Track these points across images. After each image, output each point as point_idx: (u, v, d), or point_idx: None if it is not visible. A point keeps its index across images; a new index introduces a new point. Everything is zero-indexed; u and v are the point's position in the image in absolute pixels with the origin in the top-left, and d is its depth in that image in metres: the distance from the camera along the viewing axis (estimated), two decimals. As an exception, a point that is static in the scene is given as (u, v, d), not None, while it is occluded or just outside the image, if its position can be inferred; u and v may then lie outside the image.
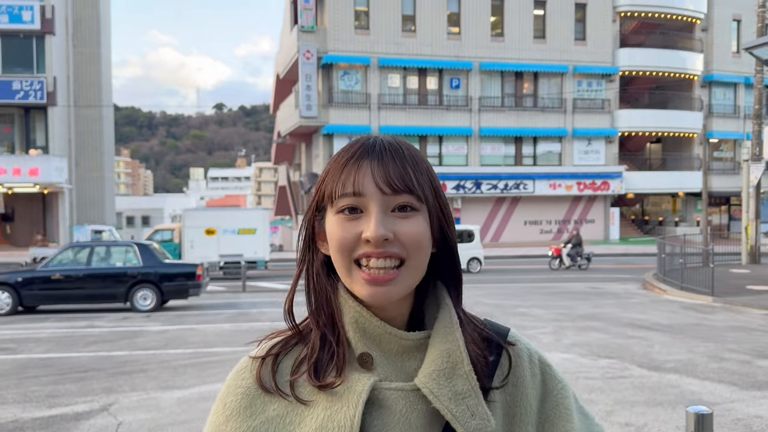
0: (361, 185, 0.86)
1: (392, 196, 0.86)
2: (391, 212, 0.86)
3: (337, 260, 0.88)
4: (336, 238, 0.87)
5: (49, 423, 5.50)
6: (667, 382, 6.64)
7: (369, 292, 0.86)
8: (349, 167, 0.87)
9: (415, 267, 0.87)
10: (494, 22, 34.04)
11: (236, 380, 0.92)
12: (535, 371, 0.96)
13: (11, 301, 12.47)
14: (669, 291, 14.78)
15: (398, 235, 0.86)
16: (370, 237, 0.84)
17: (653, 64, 35.67)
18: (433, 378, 0.87)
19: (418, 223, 0.87)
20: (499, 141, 34.09)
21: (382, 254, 0.85)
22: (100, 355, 8.42)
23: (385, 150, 0.88)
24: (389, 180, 0.86)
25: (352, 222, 0.86)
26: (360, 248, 0.86)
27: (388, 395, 0.87)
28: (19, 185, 29.43)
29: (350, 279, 0.87)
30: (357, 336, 0.89)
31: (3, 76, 29.54)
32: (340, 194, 0.86)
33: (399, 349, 0.90)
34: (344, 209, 0.87)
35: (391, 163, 0.87)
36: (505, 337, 0.97)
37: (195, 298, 13.91)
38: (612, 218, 35.44)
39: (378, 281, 0.85)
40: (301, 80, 30.93)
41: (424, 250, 0.88)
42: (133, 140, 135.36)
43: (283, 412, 0.88)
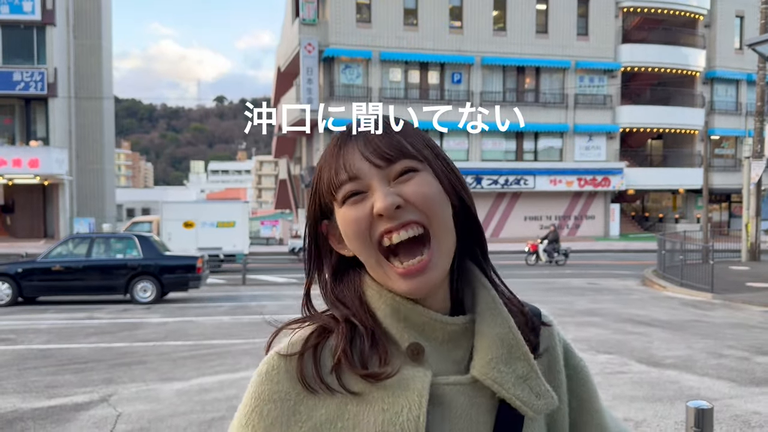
0: (353, 167, 0.81)
1: (388, 167, 0.81)
2: (394, 181, 0.82)
3: (360, 251, 0.82)
4: (349, 223, 0.81)
5: (49, 413, 5.51)
6: (666, 377, 6.65)
7: (409, 287, 0.80)
8: (337, 154, 0.84)
9: (442, 234, 0.81)
10: (496, 16, 33.96)
11: (269, 384, 0.80)
12: (561, 349, 0.95)
13: (11, 292, 12.47)
14: (669, 287, 14.78)
15: (408, 198, 0.80)
16: (380, 209, 0.79)
17: (655, 60, 35.59)
18: (492, 366, 0.82)
19: (424, 179, 0.82)
20: (500, 136, 34.04)
21: (400, 225, 0.80)
22: (100, 347, 8.43)
23: (366, 129, 0.85)
24: (379, 151, 0.81)
25: (360, 204, 0.81)
26: (378, 226, 0.80)
27: (446, 391, 0.81)
28: (19, 176, 29.41)
29: (384, 274, 0.82)
30: (400, 327, 0.82)
31: (3, 67, 29.48)
32: (337, 184, 0.82)
33: (445, 337, 0.84)
34: (348, 196, 0.82)
35: (377, 136, 0.83)
36: (539, 315, 0.95)
37: (195, 291, 13.91)
38: (612, 214, 35.43)
39: (413, 272, 0.79)
40: (302, 73, 30.87)
41: (441, 208, 0.82)
42: (133, 132, 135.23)
43: (333, 415, 0.79)
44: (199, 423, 5.20)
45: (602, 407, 0.97)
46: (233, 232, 20.47)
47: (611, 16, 34.99)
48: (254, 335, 9.19)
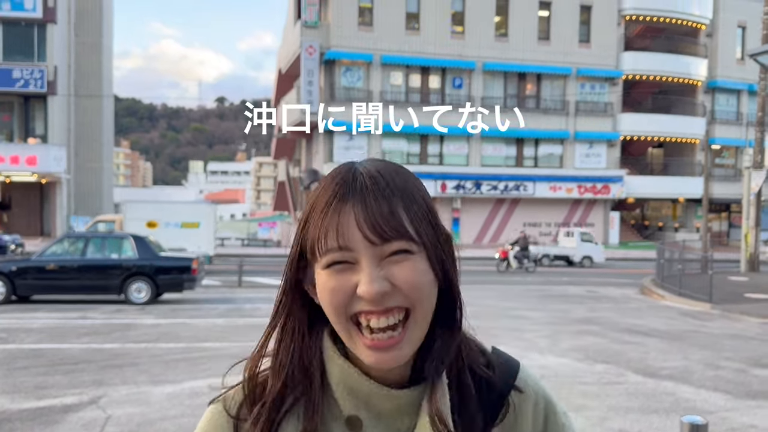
0: (345, 238, 0.75)
1: (383, 245, 0.75)
2: (385, 259, 0.76)
3: (332, 318, 0.78)
4: (327, 295, 0.76)
5: (37, 415, 5.43)
6: (662, 389, 6.58)
7: (374, 360, 0.76)
8: (331, 214, 0.76)
9: (422, 318, 0.77)
10: (498, 22, 33.97)
11: (211, 425, 0.83)
12: (538, 420, 0.89)
13: (5, 290, 12.39)
14: (667, 297, 14.72)
15: (396, 283, 0.75)
16: (365, 294, 0.74)
17: (657, 68, 35.61)
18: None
19: (417, 266, 0.76)
20: (501, 142, 34.01)
21: (383, 312, 0.75)
22: (91, 347, 8.35)
23: (367, 188, 0.76)
24: (377, 228, 0.74)
25: (343, 275, 0.75)
26: (356, 304, 0.75)
27: None
28: (16, 174, 29.34)
29: (351, 342, 0.78)
30: (344, 396, 0.80)
31: (3, 64, 29.44)
32: (324, 249, 0.76)
33: (393, 408, 0.81)
34: (332, 264, 0.76)
35: (376, 205, 0.75)
36: (513, 377, 0.89)
37: (190, 292, 13.83)
38: (612, 222, 35.40)
39: (382, 347, 0.75)
40: (303, 76, 30.86)
41: (428, 296, 0.77)
42: (133, 132, 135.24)
43: None
44: (189, 428, 5.13)
45: None
46: (198, 234, 20.25)
47: (613, 24, 35.01)
48: (248, 339, 9.11)
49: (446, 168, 32.77)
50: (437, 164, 33.02)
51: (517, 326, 10.34)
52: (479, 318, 11.07)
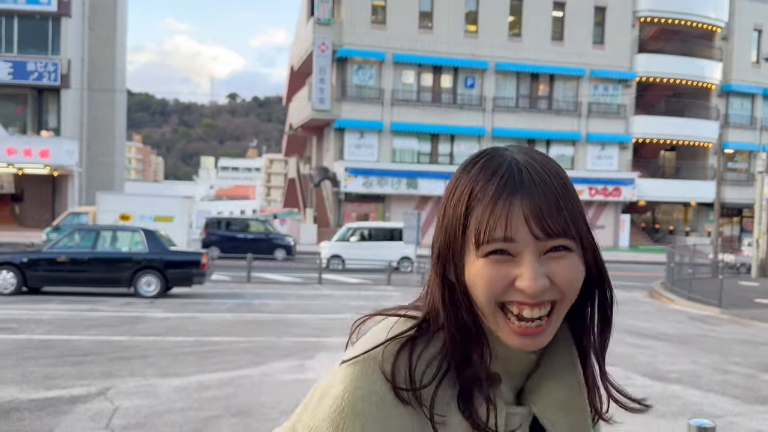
0: (512, 231, 0.78)
1: (546, 241, 0.79)
2: (543, 254, 0.80)
3: (482, 301, 0.81)
4: (484, 281, 0.79)
5: (45, 405, 5.48)
6: (670, 392, 6.55)
7: (519, 343, 0.81)
8: (500, 208, 0.78)
9: (565, 309, 0.83)
10: (512, 22, 33.86)
11: (366, 382, 0.80)
12: None
13: (16, 281, 12.49)
14: (676, 301, 14.64)
15: (554, 279, 0.80)
16: (526, 288, 0.78)
17: (671, 71, 35.39)
18: (552, 409, 0.86)
19: (574, 264, 0.81)
20: (512, 142, 33.79)
21: (537, 304, 0.79)
22: (100, 339, 8.40)
23: (534, 184, 0.79)
24: (544, 225, 0.78)
25: (503, 266, 0.79)
26: (511, 294, 0.79)
27: (511, 420, 0.85)
28: (29, 166, 29.57)
29: (495, 323, 0.81)
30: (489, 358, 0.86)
31: (18, 57, 29.68)
32: (488, 239, 0.78)
33: (515, 368, 0.86)
34: (493, 252, 0.79)
35: (545, 202, 0.79)
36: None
37: (199, 287, 13.89)
38: (622, 225, 35.23)
39: (529, 334, 0.80)
40: (315, 73, 30.90)
41: (576, 291, 0.83)
42: (145, 126, 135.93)
43: (420, 428, 0.80)
44: (196, 420, 5.16)
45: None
46: (171, 227, 20.16)
47: (628, 26, 34.81)
48: (256, 334, 9.15)
49: (456, 167, 32.63)
50: (447, 164, 32.98)
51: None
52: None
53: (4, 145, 28.57)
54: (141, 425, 5.03)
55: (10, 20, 29.95)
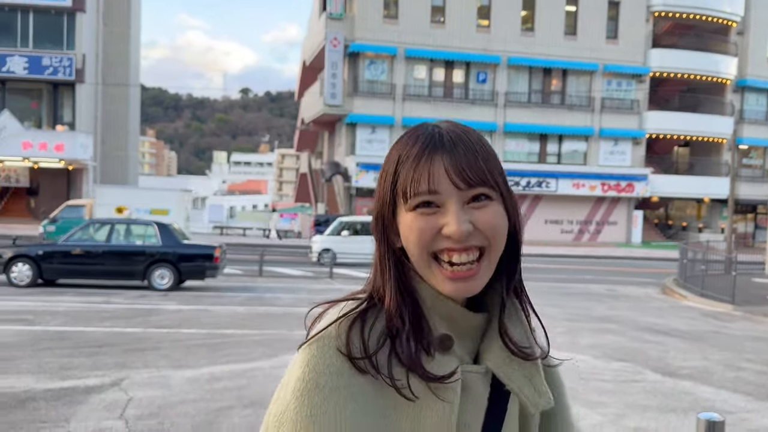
0: (436, 183, 0.86)
1: (467, 190, 0.87)
2: (467, 204, 0.87)
3: (415, 254, 0.88)
4: (414, 233, 0.87)
5: (61, 395, 5.56)
6: (681, 388, 6.54)
7: (452, 288, 0.87)
8: (423, 164, 0.87)
9: (493, 257, 0.89)
10: (525, 16, 33.69)
11: (324, 358, 0.84)
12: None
13: (31, 273, 12.64)
14: (689, 297, 14.57)
15: (477, 225, 0.87)
16: (452, 234, 0.85)
17: (685, 66, 35.06)
18: (505, 362, 0.91)
19: (496, 211, 0.89)
20: (524, 137, 33.79)
21: (464, 248, 0.86)
22: (114, 331, 8.50)
23: (454, 143, 0.88)
24: (464, 175, 0.86)
25: (430, 216, 0.86)
26: (440, 242, 0.86)
27: (467, 378, 0.89)
28: (44, 160, 29.84)
29: (429, 273, 0.88)
30: (436, 318, 0.90)
31: (33, 52, 29.92)
32: (414, 192, 0.86)
33: (464, 330, 0.92)
34: (420, 205, 0.87)
35: (464, 156, 0.87)
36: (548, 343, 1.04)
37: (212, 280, 13.99)
38: (635, 221, 35.02)
39: (460, 277, 0.86)
40: (327, 68, 30.92)
41: (502, 238, 0.89)
42: (158, 121, 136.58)
43: (379, 392, 0.85)
44: (208, 411, 5.22)
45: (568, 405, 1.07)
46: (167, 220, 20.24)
47: (642, 20, 34.53)
48: (268, 327, 9.22)
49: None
50: (459, 159, 32.90)
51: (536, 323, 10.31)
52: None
53: (20, 139, 28.84)
54: (154, 415, 5.10)
55: (26, 15, 30.19)
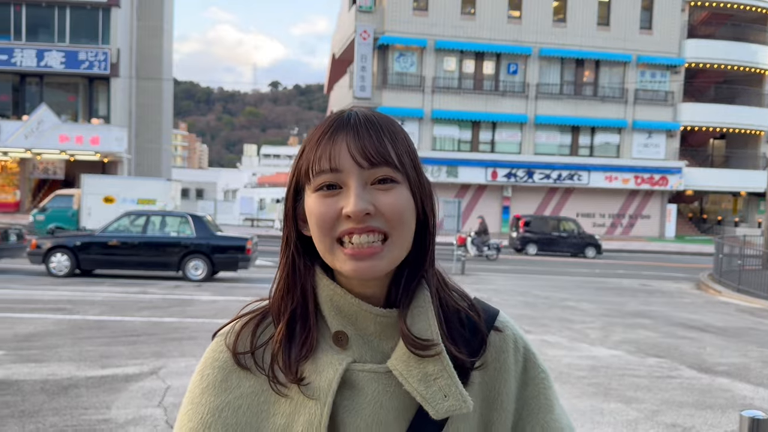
0: (337, 160, 0.83)
1: (370, 169, 0.83)
2: (371, 185, 0.84)
3: (317, 238, 0.85)
4: (315, 215, 0.84)
5: (101, 382, 5.70)
6: (718, 385, 6.44)
7: (352, 267, 0.83)
8: (325, 143, 0.84)
9: (399, 241, 0.85)
10: (557, 7, 33.25)
11: (214, 353, 0.90)
12: (518, 358, 0.94)
13: (70, 263, 12.94)
14: (724, 293, 14.30)
15: (379, 208, 0.83)
16: (350, 212, 0.81)
17: (722, 56, 34.28)
18: (403, 360, 0.85)
19: (400, 194, 0.84)
20: (555, 130, 33.43)
21: (364, 229, 0.82)
22: (151, 321, 8.68)
23: (360, 123, 0.85)
24: (366, 153, 0.83)
25: (332, 198, 0.84)
26: (341, 225, 0.83)
27: (360, 377, 0.85)
28: (80, 153, 30.44)
29: (332, 256, 0.85)
30: (332, 314, 0.88)
31: (70, 47, 30.49)
32: (316, 171, 0.84)
33: (376, 328, 0.88)
34: (322, 186, 0.84)
35: (367, 135, 0.84)
36: (493, 320, 0.94)
37: (244, 271, 14.17)
38: (669, 215, 34.44)
39: (361, 255, 0.82)
40: (356, 61, 30.93)
41: (406, 223, 0.85)
42: (190, 114, 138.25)
43: (258, 389, 0.87)
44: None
45: (552, 422, 0.93)
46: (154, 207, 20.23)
47: (677, 10, 33.83)
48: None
49: (498, 156, 32.42)
50: (489, 152, 32.71)
51: (568, 317, 10.24)
52: (530, 308, 11.00)
53: (57, 132, 29.47)
54: (192, 404, 5.20)
55: (63, 11, 30.76)
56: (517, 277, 16.11)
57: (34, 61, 30.19)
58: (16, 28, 30.59)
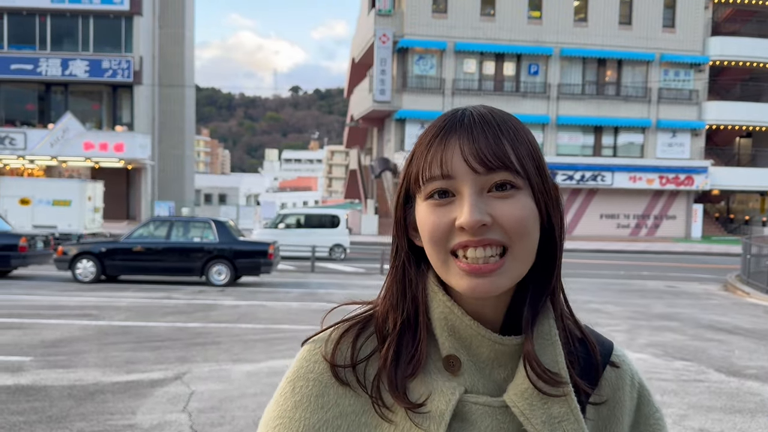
0: (449, 166, 0.74)
1: (486, 175, 0.74)
2: (488, 193, 0.75)
3: (431, 252, 0.77)
4: (427, 226, 0.76)
5: (127, 387, 5.76)
6: (747, 389, 6.31)
7: (469, 285, 0.74)
8: (436, 146, 0.76)
9: (521, 255, 0.76)
10: (578, 6, 33.00)
11: (308, 363, 0.81)
12: (633, 395, 0.88)
13: (95, 269, 13.13)
14: (753, 294, 14.03)
15: (497, 219, 0.74)
16: (464, 224, 0.73)
17: (747, 53, 33.71)
18: (525, 397, 0.77)
19: (521, 202, 0.75)
20: (578, 130, 33.14)
21: (480, 242, 0.74)
22: (175, 326, 8.75)
23: (474, 122, 0.76)
24: (481, 156, 0.74)
25: (444, 207, 0.75)
26: (455, 237, 0.75)
27: (473, 410, 0.77)
28: (105, 160, 30.91)
29: (446, 270, 0.76)
30: (445, 335, 0.79)
31: (93, 55, 30.99)
32: (427, 177, 0.76)
33: (490, 355, 0.79)
34: (433, 194, 0.76)
35: (482, 136, 0.75)
36: (609, 353, 0.88)
37: (266, 276, 14.24)
38: (695, 215, 33.93)
39: (479, 272, 0.74)
40: (376, 64, 30.98)
41: (529, 235, 0.76)
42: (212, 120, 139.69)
43: (359, 409, 0.79)
44: (267, 406, 5.32)
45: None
46: (69, 211, 20.26)
47: (700, 7, 33.36)
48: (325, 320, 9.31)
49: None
50: (510, 153, 32.51)
51: (593, 320, 10.12)
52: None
53: (82, 139, 29.96)
54: (216, 409, 5.23)
55: (87, 20, 31.28)
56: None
57: (58, 71, 30.74)
58: (41, 38, 31.18)
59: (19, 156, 30.26)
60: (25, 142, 29.85)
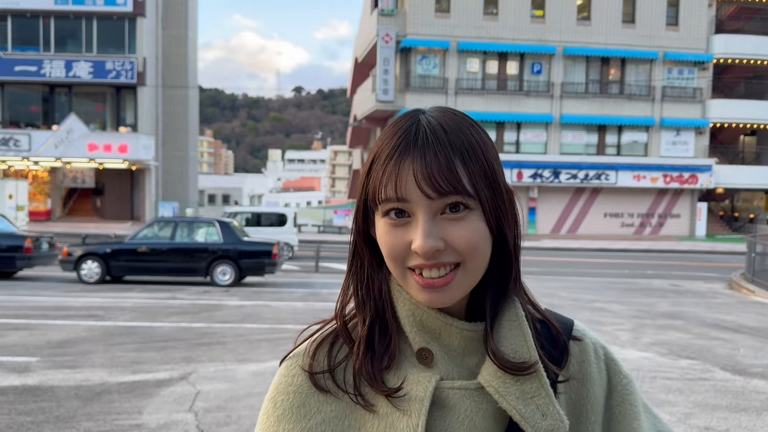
0: (404, 190, 0.77)
1: (439, 199, 0.77)
2: (441, 215, 0.78)
3: (390, 265, 0.81)
4: (386, 246, 0.80)
5: (133, 388, 5.79)
6: (752, 387, 6.31)
7: (426, 298, 0.79)
8: (391, 168, 0.78)
9: (472, 270, 0.80)
10: (581, 5, 32.96)
11: (287, 377, 0.84)
12: (601, 366, 0.91)
13: (100, 270, 13.17)
14: (758, 292, 14.01)
15: (450, 242, 0.78)
16: (418, 250, 0.77)
17: (751, 51, 33.62)
18: (498, 376, 0.81)
19: (472, 225, 0.79)
20: (581, 129, 33.10)
21: (434, 265, 0.78)
22: (180, 326, 8.78)
23: (428, 143, 0.78)
24: (434, 183, 0.76)
25: (400, 229, 0.79)
26: (412, 259, 0.79)
27: (450, 395, 0.81)
28: (109, 161, 30.97)
29: (405, 282, 0.81)
30: (414, 330, 0.83)
31: (97, 57, 31.06)
32: (383, 198, 0.79)
33: (461, 344, 0.83)
34: (389, 212, 0.79)
35: (435, 160, 0.77)
36: (570, 330, 0.91)
37: (270, 276, 14.27)
38: (699, 213, 33.86)
39: (434, 287, 0.78)
40: (378, 64, 30.99)
41: (480, 253, 0.80)
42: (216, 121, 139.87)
43: (341, 413, 0.82)
44: (273, 405, 5.33)
45: (639, 429, 0.90)
46: None
47: (704, 5, 33.29)
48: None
49: (523, 156, 32.20)
50: (514, 152, 32.50)
51: (598, 319, 10.12)
52: (557, 310, 10.81)
53: (86, 141, 30.03)
54: (221, 408, 5.25)
55: (90, 22, 31.37)
56: (542, 278, 15.99)
57: (62, 72, 30.82)
58: (45, 39, 31.27)
59: (24, 158, 30.35)
60: (30, 144, 29.94)
